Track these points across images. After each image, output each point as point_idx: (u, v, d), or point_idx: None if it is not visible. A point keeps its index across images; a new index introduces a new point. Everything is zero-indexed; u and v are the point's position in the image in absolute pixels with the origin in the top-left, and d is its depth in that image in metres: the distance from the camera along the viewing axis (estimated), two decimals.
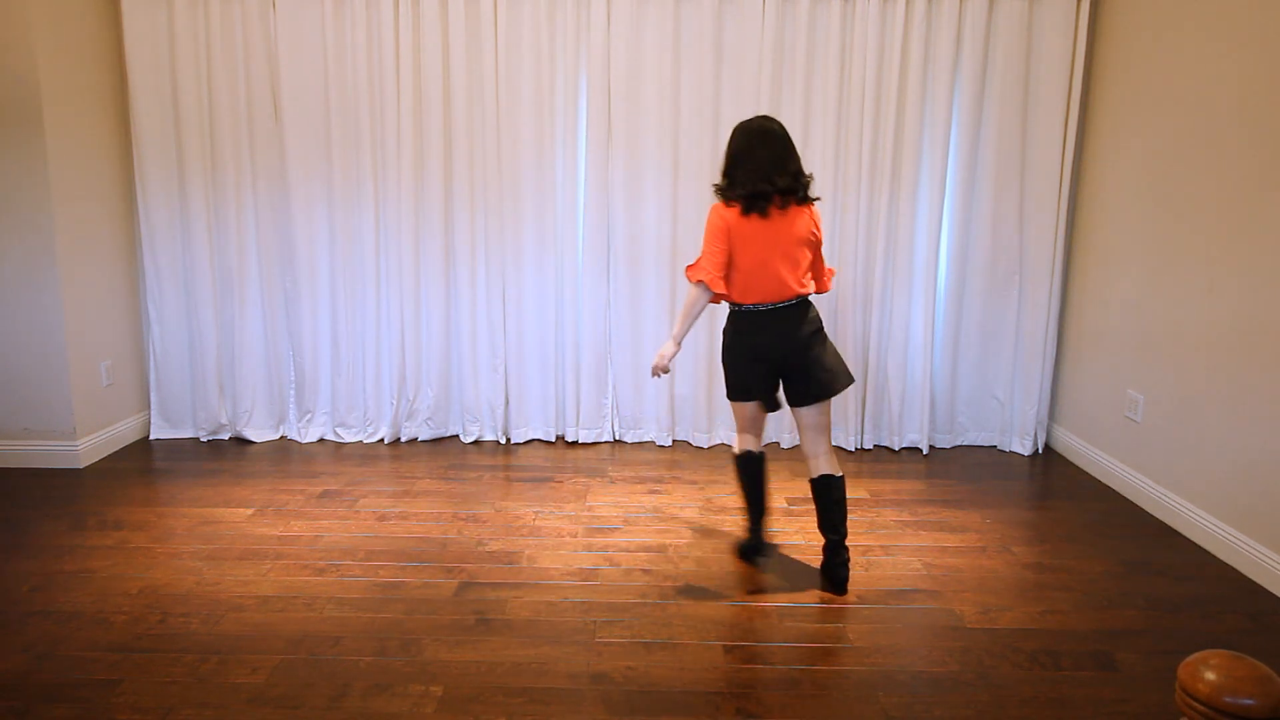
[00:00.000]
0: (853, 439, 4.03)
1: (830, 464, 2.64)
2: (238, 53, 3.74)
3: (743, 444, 2.77)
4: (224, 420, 4.04)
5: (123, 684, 2.12)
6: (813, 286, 2.67)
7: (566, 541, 2.98)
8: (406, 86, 3.75)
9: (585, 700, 2.08)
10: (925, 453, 3.99)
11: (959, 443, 4.11)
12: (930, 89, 3.77)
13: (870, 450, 4.04)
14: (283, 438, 4.09)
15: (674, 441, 4.10)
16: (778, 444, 4.07)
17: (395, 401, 4.01)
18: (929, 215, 3.85)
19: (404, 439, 4.06)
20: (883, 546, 2.96)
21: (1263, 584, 2.71)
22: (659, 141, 3.81)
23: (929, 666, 2.24)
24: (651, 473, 3.69)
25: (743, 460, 2.77)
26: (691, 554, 2.89)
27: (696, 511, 3.27)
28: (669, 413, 4.04)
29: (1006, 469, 3.82)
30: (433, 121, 3.78)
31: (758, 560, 2.84)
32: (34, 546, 2.89)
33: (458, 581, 2.67)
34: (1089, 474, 3.72)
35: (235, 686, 2.12)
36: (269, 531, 3.02)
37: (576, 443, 4.07)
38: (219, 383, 4.00)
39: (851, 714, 2.04)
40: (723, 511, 3.27)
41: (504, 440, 4.08)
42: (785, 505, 3.31)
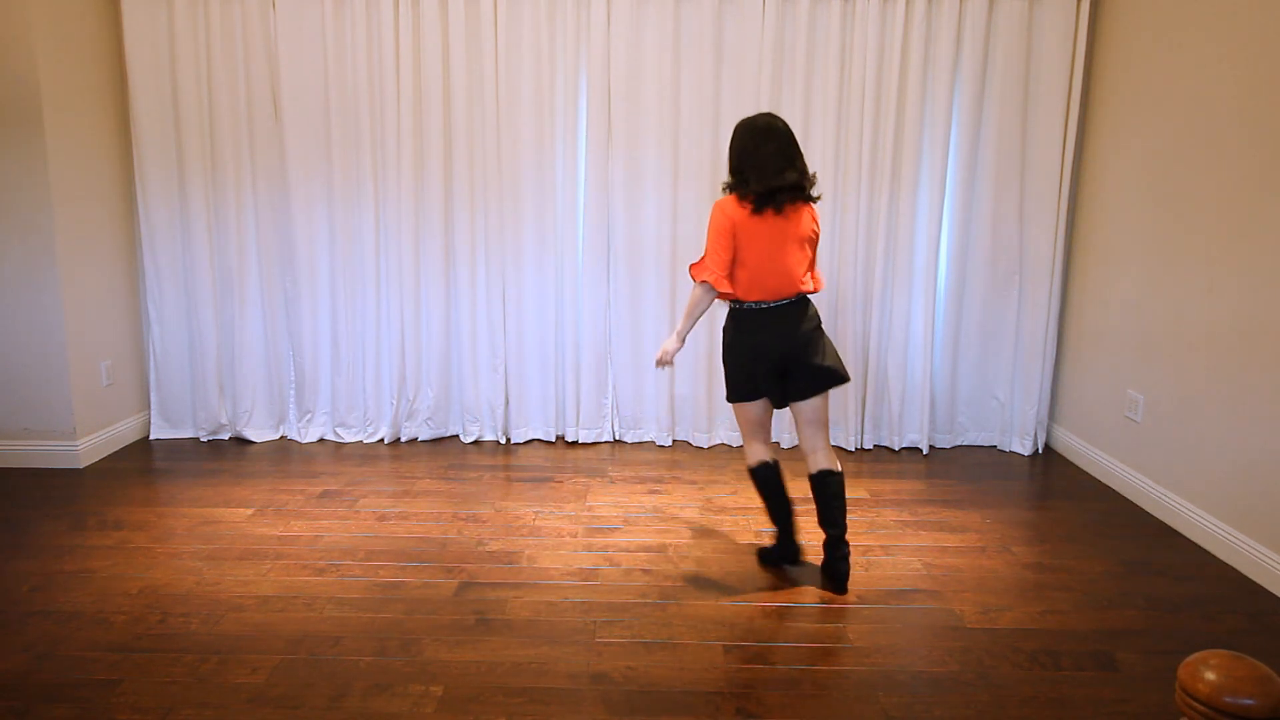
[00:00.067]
0: (853, 439, 4.03)
1: (829, 459, 2.65)
2: (238, 53, 3.74)
3: (757, 454, 2.71)
4: (224, 420, 4.04)
5: (123, 684, 2.12)
6: (811, 285, 2.67)
7: (566, 541, 2.98)
8: (406, 86, 3.75)
9: (585, 700, 2.08)
10: (925, 453, 3.99)
11: (959, 443, 4.11)
12: (930, 89, 3.77)
13: (870, 450, 4.04)
14: (283, 438, 4.09)
15: (674, 441, 4.10)
16: (778, 444, 4.07)
17: (395, 401, 4.01)
18: (929, 215, 3.85)
19: (404, 439, 4.06)
20: (883, 546, 2.96)
21: (1263, 584, 2.71)
22: (659, 141, 3.81)
23: (929, 666, 2.24)
24: (651, 473, 3.69)
25: (762, 472, 2.70)
26: (691, 554, 2.89)
27: (696, 511, 3.27)
28: (669, 413, 4.04)
29: (1006, 469, 3.82)
30: (433, 121, 3.78)
31: (794, 565, 2.78)
32: (34, 546, 2.89)
33: (458, 581, 2.67)
34: (1089, 474, 3.72)
35: (235, 686, 2.12)
36: (269, 531, 3.02)
37: (576, 443, 4.07)
38: (219, 383, 4.00)
39: (851, 714, 2.04)
40: (723, 511, 3.27)
41: (504, 440, 4.08)
42: None
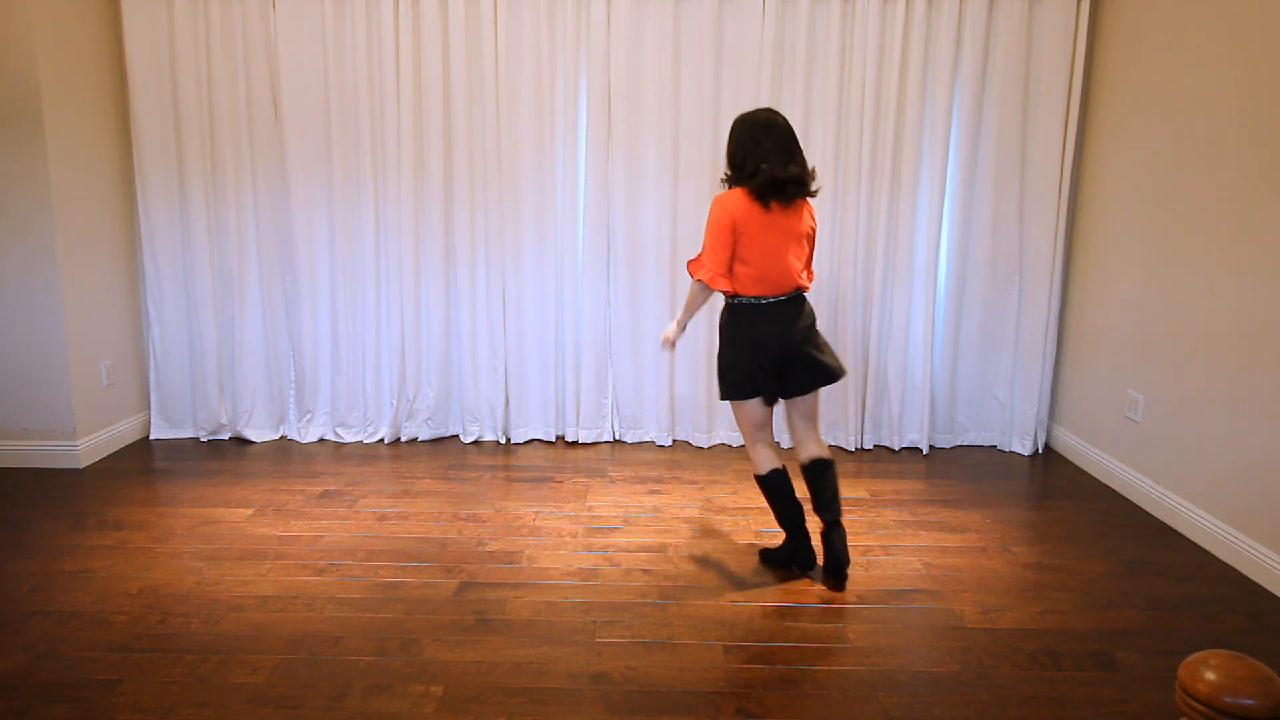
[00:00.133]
0: (853, 439, 4.03)
1: (820, 447, 2.70)
2: (238, 53, 3.74)
3: (767, 461, 2.68)
4: (224, 420, 4.04)
5: (123, 684, 2.12)
6: (807, 281, 2.68)
7: (566, 541, 2.98)
8: (406, 86, 3.75)
9: (585, 700, 2.08)
10: (925, 453, 4.00)
11: (959, 443, 4.11)
12: (930, 89, 3.77)
13: (870, 450, 4.04)
14: (283, 438, 4.09)
15: (674, 441, 4.10)
16: (778, 444, 4.06)
17: (395, 401, 4.01)
18: (929, 215, 3.85)
19: (404, 439, 4.06)
20: (883, 546, 2.96)
21: (1263, 584, 2.71)
22: (659, 141, 3.81)
23: (929, 666, 2.24)
24: (651, 473, 3.69)
25: (773, 479, 2.67)
26: (691, 554, 2.89)
27: (696, 511, 3.27)
28: (669, 413, 4.04)
29: (1006, 469, 3.82)
30: (433, 121, 3.78)
31: (806, 570, 2.75)
32: (34, 546, 2.89)
33: (458, 581, 2.67)
34: (1089, 474, 3.72)
35: (235, 686, 2.12)
36: (269, 531, 3.02)
37: (576, 443, 4.07)
38: (219, 383, 4.00)
39: (851, 714, 2.04)
40: (723, 511, 3.27)
41: (504, 440, 4.08)
42: None
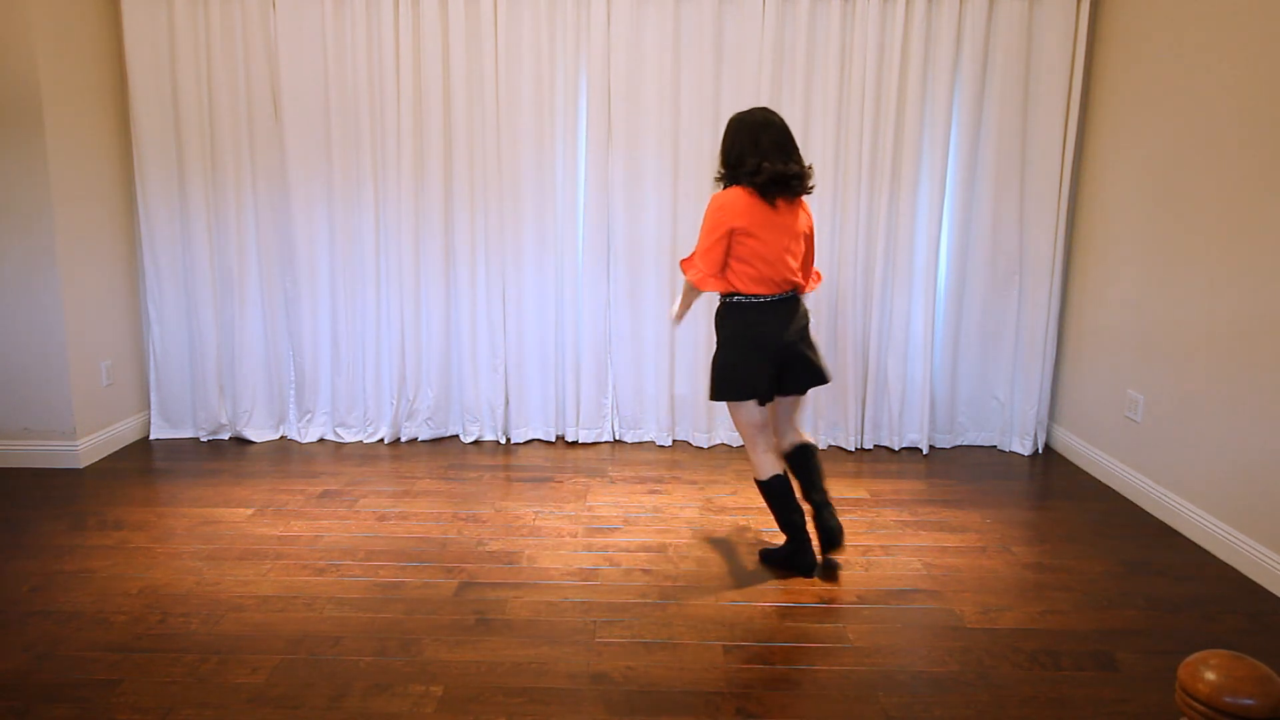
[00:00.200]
0: (853, 439, 4.03)
1: (800, 434, 2.79)
2: (238, 53, 3.74)
3: (769, 466, 2.68)
4: (224, 420, 4.04)
5: (123, 684, 2.12)
6: (802, 280, 2.69)
7: (566, 541, 2.98)
8: (406, 86, 3.75)
9: (585, 700, 2.08)
10: (925, 453, 3.99)
11: (959, 443, 4.11)
12: (930, 89, 3.77)
13: (870, 450, 4.04)
14: (283, 438, 4.09)
15: (674, 441, 4.10)
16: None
17: (395, 401, 4.01)
18: (929, 215, 3.85)
19: (404, 439, 4.06)
20: (883, 546, 2.96)
21: (1263, 584, 2.71)
22: (659, 141, 3.81)
23: (929, 666, 2.24)
24: (651, 473, 3.69)
25: (776, 484, 2.68)
26: (691, 554, 2.89)
27: (696, 511, 3.27)
28: (669, 413, 4.04)
29: (1006, 469, 3.82)
30: (433, 121, 3.78)
31: (808, 577, 2.74)
32: (34, 546, 2.89)
33: (458, 581, 2.67)
34: (1089, 474, 3.72)
35: (235, 686, 2.12)
36: (269, 531, 3.02)
37: (576, 443, 4.07)
38: (219, 383, 4.00)
39: (851, 714, 2.04)
40: (723, 511, 3.27)
41: (504, 440, 4.08)
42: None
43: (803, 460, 2.75)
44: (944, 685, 2.16)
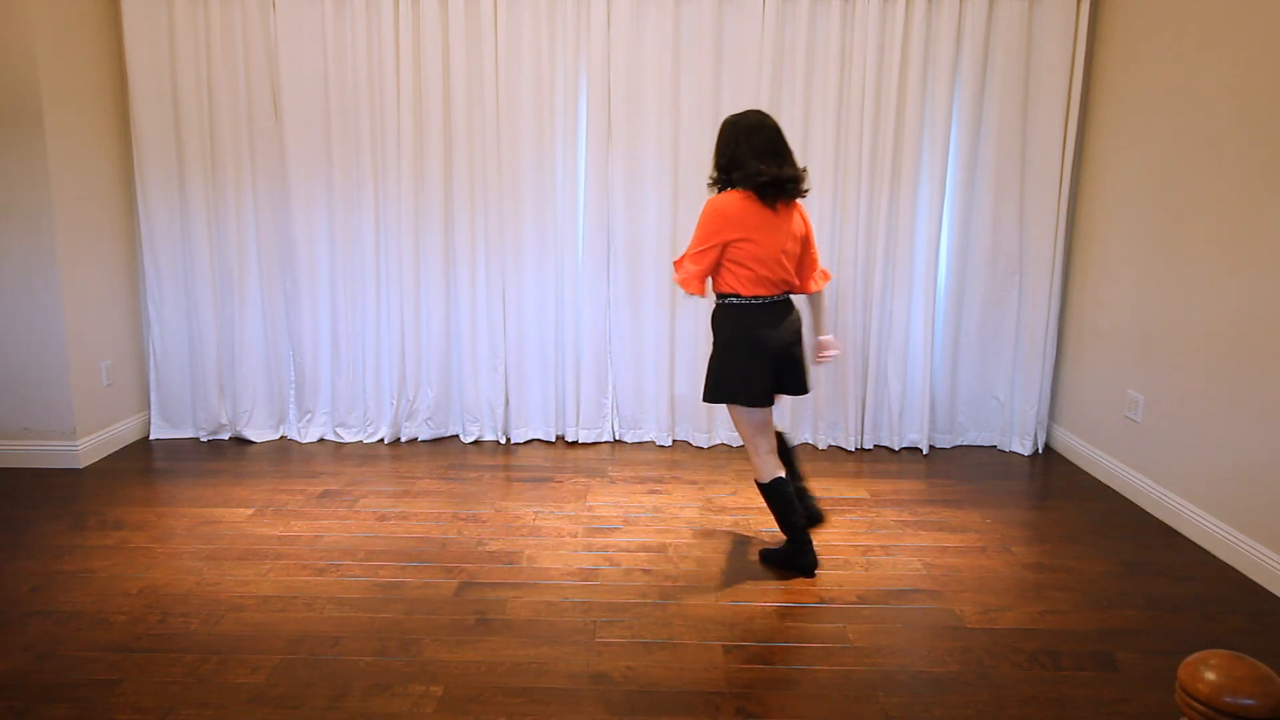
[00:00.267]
0: (853, 439, 4.03)
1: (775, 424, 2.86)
2: (238, 53, 3.74)
3: (770, 468, 2.68)
4: (224, 420, 4.04)
5: (123, 684, 2.12)
6: (799, 282, 2.70)
7: (566, 541, 2.98)
8: (406, 86, 3.75)
9: (585, 700, 2.08)
10: (925, 453, 3.99)
11: (959, 443, 4.11)
12: (930, 89, 3.77)
13: (870, 450, 4.04)
14: (283, 438, 4.09)
15: (674, 441, 4.10)
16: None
17: (395, 401, 4.01)
18: (929, 215, 3.85)
19: (404, 439, 4.06)
20: (883, 546, 2.96)
21: (1263, 584, 2.71)
22: (659, 141, 3.81)
23: (929, 666, 2.24)
24: (651, 473, 3.69)
25: (779, 487, 2.68)
26: (691, 554, 2.89)
27: (696, 511, 3.27)
28: (669, 413, 4.04)
29: (1006, 469, 3.82)
30: (433, 121, 3.78)
31: (810, 577, 2.74)
32: (34, 546, 2.89)
33: (458, 581, 2.67)
34: (1089, 474, 3.72)
35: (235, 686, 2.12)
36: (269, 531, 3.02)
37: (576, 443, 4.07)
38: (219, 383, 4.00)
39: (851, 714, 2.04)
40: (723, 511, 3.27)
41: (504, 440, 4.08)
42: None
43: (779, 448, 2.81)
44: (944, 685, 2.16)
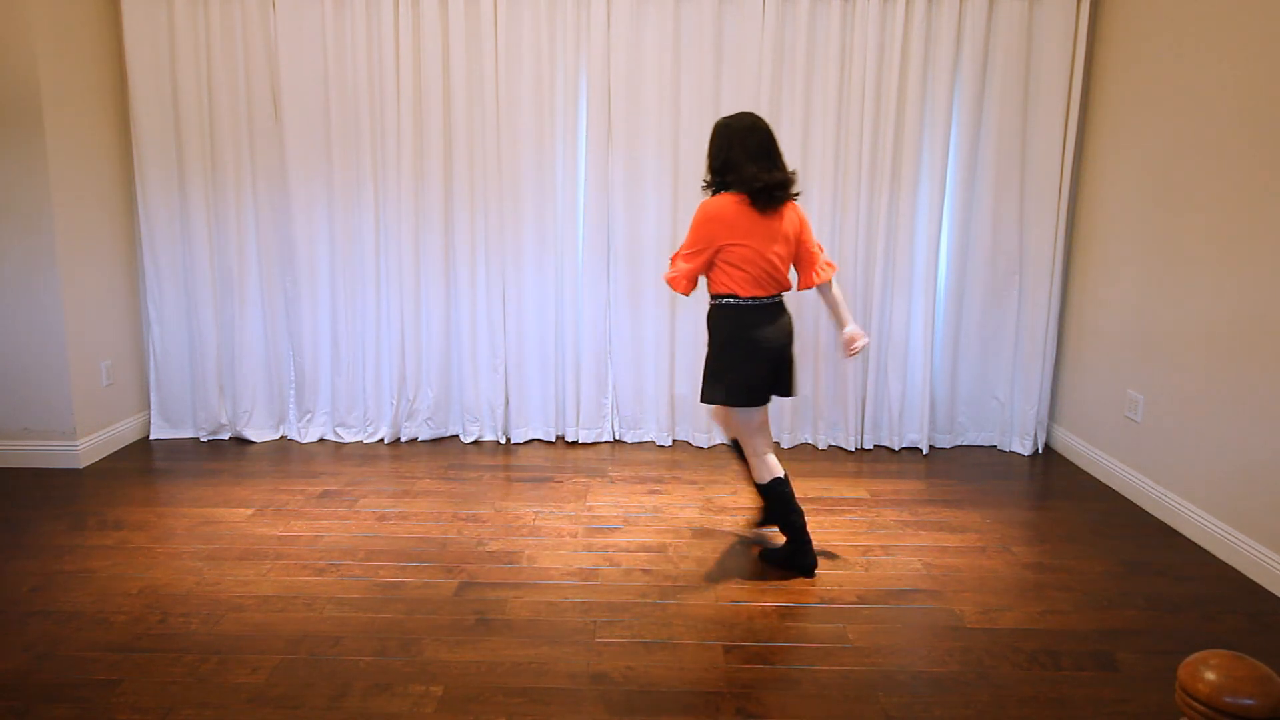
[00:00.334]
0: (853, 439, 4.03)
1: None
2: (238, 53, 3.74)
3: (769, 468, 2.69)
4: (224, 420, 4.04)
5: (123, 684, 2.12)
6: (790, 283, 2.71)
7: (566, 541, 2.98)
8: (406, 86, 3.75)
9: (585, 700, 2.08)
10: (925, 453, 3.99)
11: (959, 443, 4.11)
12: (930, 89, 3.77)
13: (870, 450, 4.04)
14: (283, 438, 4.09)
15: (674, 441, 4.10)
16: (779, 443, 4.07)
17: (395, 401, 4.01)
18: (929, 215, 3.85)
19: (404, 439, 4.06)
20: (883, 546, 2.96)
21: (1263, 584, 2.71)
22: (659, 141, 3.81)
23: (929, 666, 2.24)
24: (651, 473, 3.69)
25: (780, 486, 2.68)
26: (691, 554, 2.89)
27: (696, 511, 3.27)
28: (669, 413, 4.04)
29: (1006, 469, 3.82)
30: (433, 121, 3.78)
31: (809, 577, 2.74)
32: (34, 546, 2.89)
33: (458, 581, 2.67)
34: (1089, 474, 3.72)
35: (235, 686, 2.12)
36: (269, 531, 3.02)
37: (576, 443, 4.07)
38: (219, 383, 4.00)
39: (851, 714, 2.04)
40: (723, 511, 3.27)
41: (504, 440, 4.08)
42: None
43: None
44: (944, 685, 2.16)
